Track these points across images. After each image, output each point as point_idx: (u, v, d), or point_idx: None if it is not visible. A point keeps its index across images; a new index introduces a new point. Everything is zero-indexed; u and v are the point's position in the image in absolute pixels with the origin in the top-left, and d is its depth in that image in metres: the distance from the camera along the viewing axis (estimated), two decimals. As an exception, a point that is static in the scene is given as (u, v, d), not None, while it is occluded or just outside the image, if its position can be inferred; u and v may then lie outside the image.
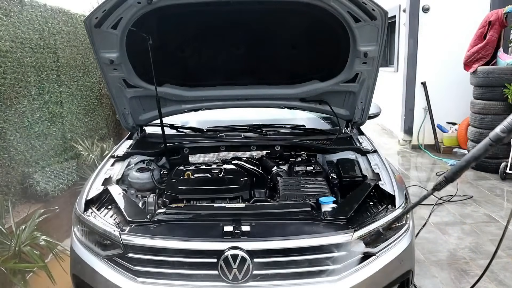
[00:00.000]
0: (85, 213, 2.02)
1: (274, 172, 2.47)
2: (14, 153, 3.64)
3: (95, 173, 2.40)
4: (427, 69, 6.51)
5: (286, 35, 2.54)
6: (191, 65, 2.72)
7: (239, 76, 2.78)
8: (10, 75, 3.60)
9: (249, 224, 1.82)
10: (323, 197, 2.02)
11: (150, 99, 2.72)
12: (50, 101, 4.28)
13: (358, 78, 2.63)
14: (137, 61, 2.55)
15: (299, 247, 1.76)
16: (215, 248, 1.74)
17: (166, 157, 2.72)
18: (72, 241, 2.06)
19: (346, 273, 1.76)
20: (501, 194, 4.65)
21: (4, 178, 3.51)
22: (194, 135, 2.96)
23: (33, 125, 3.95)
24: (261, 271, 1.74)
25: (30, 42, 3.92)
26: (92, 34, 2.32)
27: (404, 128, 6.91)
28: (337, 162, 2.53)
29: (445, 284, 2.88)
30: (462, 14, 6.21)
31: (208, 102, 2.92)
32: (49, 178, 3.90)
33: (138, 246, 1.80)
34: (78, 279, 1.98)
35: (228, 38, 2.56)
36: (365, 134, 2.98)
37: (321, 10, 2.25)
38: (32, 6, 3.99)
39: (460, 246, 3.42)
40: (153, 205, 2.25)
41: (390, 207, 1.99)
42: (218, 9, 2.33)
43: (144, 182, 2.40)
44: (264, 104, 2.95)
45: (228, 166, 2.48)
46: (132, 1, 2.16)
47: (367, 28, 2.32)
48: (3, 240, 2.77)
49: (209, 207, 2.05)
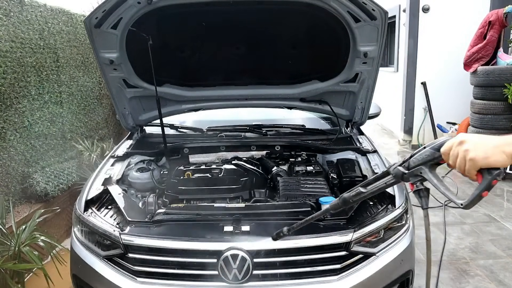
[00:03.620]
0: (85, 213, 2.02)
1: (274, 172, 2.47)
2: (14, 153, 3.63)
3: (95, 173, 2.41)
4: (427, 69, 6.51)
5: (286, 35, 2.54)
6: (191, 65, 2.72)
7: (239, 76, 2.78)
8: (10, 75, 3.60)
9: (249, 224, 1.82)
10: (323, 197, 2.02)
11: (150, 99, 2.72)
12: (50, 101, 4.28)
13: (358, 78, 2.62)
14: (137, 61, 2.55)
15: (299, 247, 1.76)
16: (215, 248, 1.74)
17: (166, 157, 2.72)
18: (72, 241, 2.06)
19: (346, 273, 1.76)
20: (501, 194, 4.64)
21: (4, 178, 3.50)
22: (194, 135, 2.96)
23: (33, 125, 3.94)
24: (261, 271, 1.74)
25: (30, 42, 3.92)
26: (92, 34, 2.32)
27: (404, 128, 6.91)
28: (337, 162, 2.53)
29: (445, 284, 2.88)
30: (462, 14, 6.21)
31: (208, 102, 2.92)
32: (49, 178, 3.90)
33: (138, 246, 1.80)
34: (78, 279, 1.98)
35: (228, 38, 2.56)
36: (365, 134, 2.98)
37: (321, 10, 2.25)
38: (32, 6, 3.99)
39: (460, 246, 3.42)
40: (153, 205, 2.25)
41: (390, 207, 1.99)
42: (218, 9, 2.33)
43: (144, 182, 2.40)
44: (264, 104, 2.95)
45: (228, 166, 2.48)
46: (132, 1, 2.16)
47: (367, 28, 2.32)
48: (3, 240, 2.77)
49: (209, 207, 2.05)
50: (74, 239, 2.03)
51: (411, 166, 1.10)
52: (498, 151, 0.95)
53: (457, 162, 1.00)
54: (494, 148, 0.95)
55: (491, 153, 0.95)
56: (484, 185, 0.96)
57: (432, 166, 1.07)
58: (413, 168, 1.09)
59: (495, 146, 0.96)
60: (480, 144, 0.97)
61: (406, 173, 1.11)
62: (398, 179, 1.15)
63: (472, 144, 0.97)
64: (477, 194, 0.98)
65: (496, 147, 0.95)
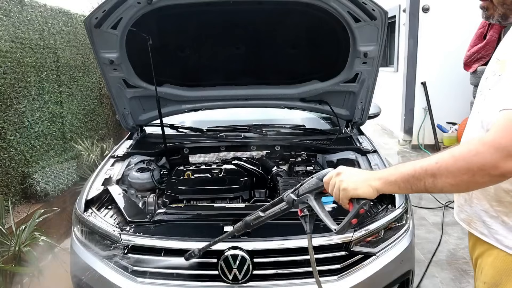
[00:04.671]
0: (85, 213, 2.02)
1: (274, 172, 2.47)
2: (14, 153, 3.64)
3: (95, 173, 2.41)
4: (427, 69, 6.51)
5: (286, 35, 2.54)
6: (191, 65, 2.72)
7: (239, 76, 2.77)
8: (10, 75, 3.60)
9: (249, 224, 1.82)
10: (323, 197, 2.02)
11: (150, 99, 2.72)
12: (50, 101, 4.28)
13: (358, 78, 2.62)
14: (137, 61, 2.55)
15: (299, 247, 1.76)
16: (215, 248, 1.74)
17: (166, 157, 2.72)
18: (72, 241, 2.06)
19: (346, 273, 1.76)
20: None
21: (4, 178, 3.51)
22: (194, 135, 2.95)
23: (33, 125, 3.95)
24: (261, 271, 1.74)
25: (30, 42, 3.92)
26: (92, 34, 2.32)
27: (404, 128, 6.91)
28: (337, 162, 2.53)
29: (445, 284, 2.88)
30: (462, 14, 6.20)
31: (208, 102, 2.92)
32: (49, 178, 3.90)
33: (138, 246, 1.80)
34: (78, 279, 1.98)
35: (228, 38, 2.56)
36: (365, 134, 2.98)
37: (321, 10, 2.25)
38: (32, 6, 3.99)
39: (460, 246, 3.42)
40: (153, 205, 2.25)
41: (390, 207, 1.99)
42: (218, 9, 2.33)
43: (144, 182, 2.40)
44: (264, 104, 2.95)
45: (228, 166, 2.48)
46: (132, 1, 2.16)
47: (367, 28, 2.31)
48: (3, 241, 2.77)
49: (209, 207, 2.05)
50: (74, 239, 2.03)
51: (300, 194, 1.18)
52: (366, 184, 1.05)
53: (334, 191, 1.12)
54: (363, 182, 1.06)
55: (360, 185, 1.06)
56: (353, 213, 1.07)
57: (317, 195, 1.17)
58: (301, 195, 1.18)
59: (364, 179, 1.07)
60: (352, 176, 1.09)
61: (296, 200, 1.19)
62: (290, 205, 1.22)
63: (346, 175, 1.09)
64: (347, 221, 1.09)
65: (364, 181, 1.06)
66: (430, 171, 0.96)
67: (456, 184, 0.94)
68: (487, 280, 1.19)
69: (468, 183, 0.93)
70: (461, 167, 0.92)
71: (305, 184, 1.19)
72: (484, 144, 0.91)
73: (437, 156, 0.98)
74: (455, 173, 0.93)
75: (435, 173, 0.95)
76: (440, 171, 0.94)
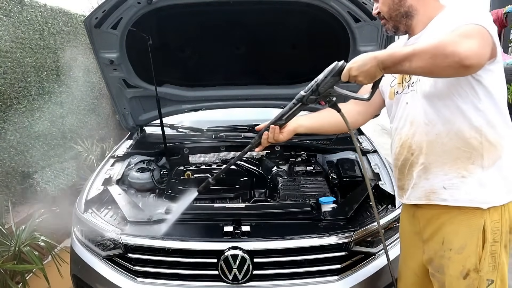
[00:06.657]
0: (85, 213, 2.02)
1: (274, 172, 2.47)
2: (14, 153, 3.64)
3: (95, 173, 2.41)
4: (427, 69, 6.50)
5: (286, 35, 2.54)
6: (191, 65, 2.72)
7: (239, 76, 2.77)
8: (10, 75, 3.60)
9: (249, 224, 1.82)
10: (323, 197, 2.02)
11: (150, 99, 2.72)
12: (50, 101, 4.28)
13: (358, 78, 2.62)
14: (137, 61, 2.55)
15: (299, 247, 1.76)
16: (215, 248, 1.74)
17: (166, 157, 2.72)
18: (72, 241, 2.06)
19: (346, 273, 1.76)
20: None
21: (4, 178, 3.51)
22: (194, 135, 2.95)
23: (33, 125, 3.95)
24: (261, 271, 1.74)
25: (30, 42, 3.92)
26: (92, 34, 2.32)
27: (404, 128, 6.90)
28: (337, 162, 2.53)
29: (445, 284, 2.87)
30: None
31: (208, 102, 2.92)
32: (49, 178, 3.90)
33: (138, 246, 1.80)
34: (78, 279, 1.98)
35: (228, 38, 2.56)
36: (365, 134, 2.98)
37: (321, 10, 2.25)
38: (32, 6, 3.99)
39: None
40: (153, 205, 2.24)
41: (390, 207, 1.99)
42: (218, 9, 2.33)
43: (144, 182, 2.40)
44: (264, 104, 2.95)
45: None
46: (132, 1, 2.16)
47: (367, 28, 2.32)
48: (3, 241, 2.76)
49: (209, 207, 2.05)
50: (74, 239, 2.03)
51: (321, 92, 1.44)
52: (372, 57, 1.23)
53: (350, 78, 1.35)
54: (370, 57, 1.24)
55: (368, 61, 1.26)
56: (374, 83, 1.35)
57: (336, 84, 1.43)
58: (323, 92, 1.44)
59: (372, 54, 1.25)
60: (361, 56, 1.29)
61: (318, 97, 1.45)
62: (312, 102, 1.48)
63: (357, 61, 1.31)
64: (374, 91, 1.43)
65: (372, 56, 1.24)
66: (409, 55, 1.13)
67: (424, 66, 1.12)
68: (453, 247, 1.31)
69: (432, 66, 1.11)
70: (427, 51, 1.10)
71: (323, 84, 1.43)
72: (447, 34, 1.12)
73: (417, 44, 1.18)
74: (423, 57, 1.11)
75: (411, 58, 1.13)
76: (414, 55, 1.12)
